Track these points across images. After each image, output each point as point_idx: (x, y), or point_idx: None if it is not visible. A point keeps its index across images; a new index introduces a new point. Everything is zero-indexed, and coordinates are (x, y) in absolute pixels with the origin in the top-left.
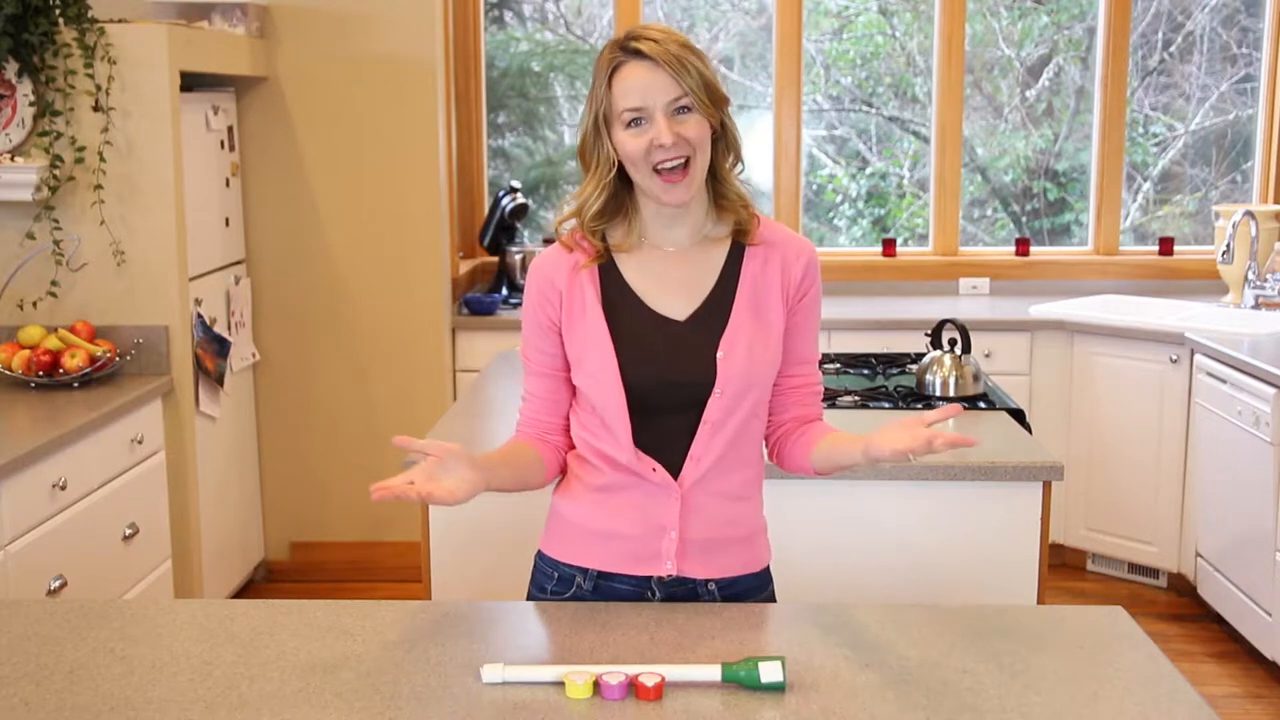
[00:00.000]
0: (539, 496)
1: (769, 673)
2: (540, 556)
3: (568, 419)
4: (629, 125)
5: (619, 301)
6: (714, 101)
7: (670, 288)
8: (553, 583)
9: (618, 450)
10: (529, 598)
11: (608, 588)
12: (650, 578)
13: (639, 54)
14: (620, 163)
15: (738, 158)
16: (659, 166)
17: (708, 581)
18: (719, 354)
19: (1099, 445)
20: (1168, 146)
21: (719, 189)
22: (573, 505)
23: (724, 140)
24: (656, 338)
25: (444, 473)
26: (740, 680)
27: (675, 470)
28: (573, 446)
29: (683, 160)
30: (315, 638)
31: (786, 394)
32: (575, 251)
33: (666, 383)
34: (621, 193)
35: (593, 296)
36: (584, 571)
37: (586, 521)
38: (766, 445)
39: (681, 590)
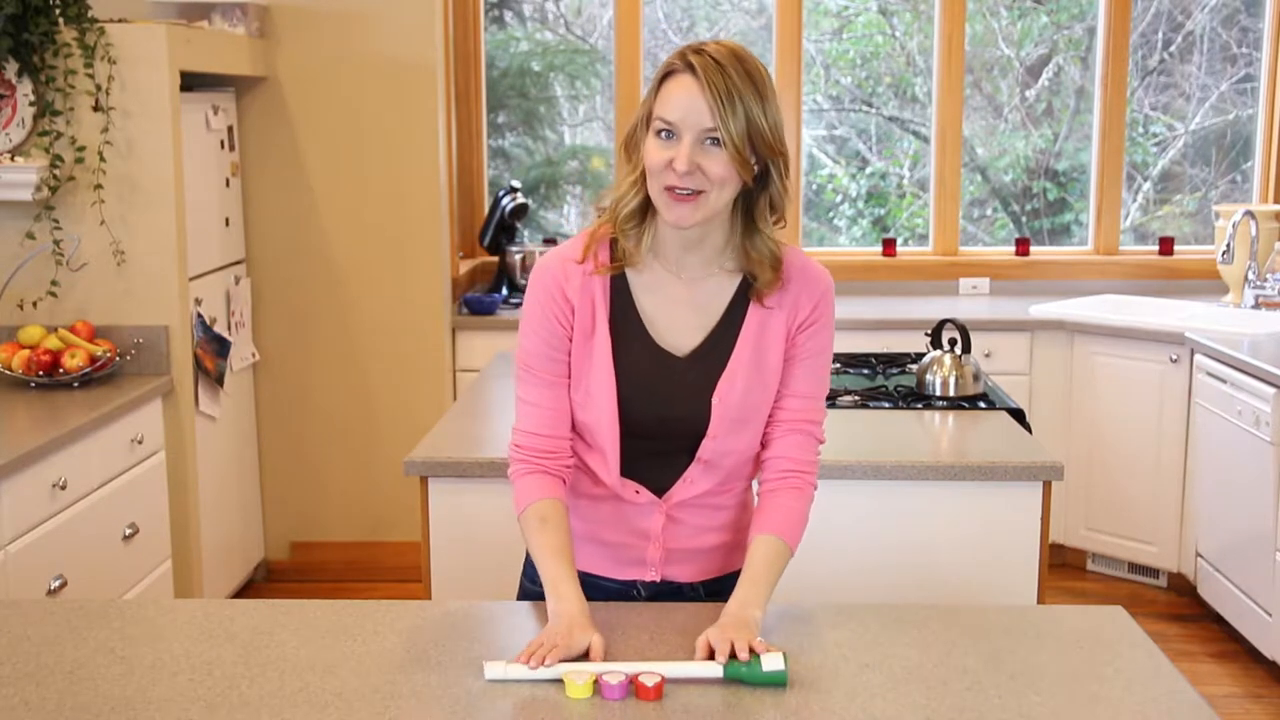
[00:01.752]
0: None
1: (771, 662)
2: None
3: (572, 433)
4: (658, 134)
5: (625, 327)
6: (757, 150)
7: (677, 318)
8: None
9: (604, 472)
10: (520, 590)
11: (594, 586)
12: (635, 581)
13: (692, 69)
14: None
15: (780, 216)
16: (669, 188)
17: (693, 583)
18: (714, 399)
19: (1099, 445)
20: (1168, 146)
21: (751, 237)
22: None
23: (767, 193)
24: (657, 373)
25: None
26: (742, 676)
27: (663, 490)
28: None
29: (694, 192)
30: (315, 638)
31: (770, 425)
32: (586, 261)
33: (661, 420)
34: (649, 205)
35: (602, 315)
36: None
37: (573, 525)
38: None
39: (667, 590)
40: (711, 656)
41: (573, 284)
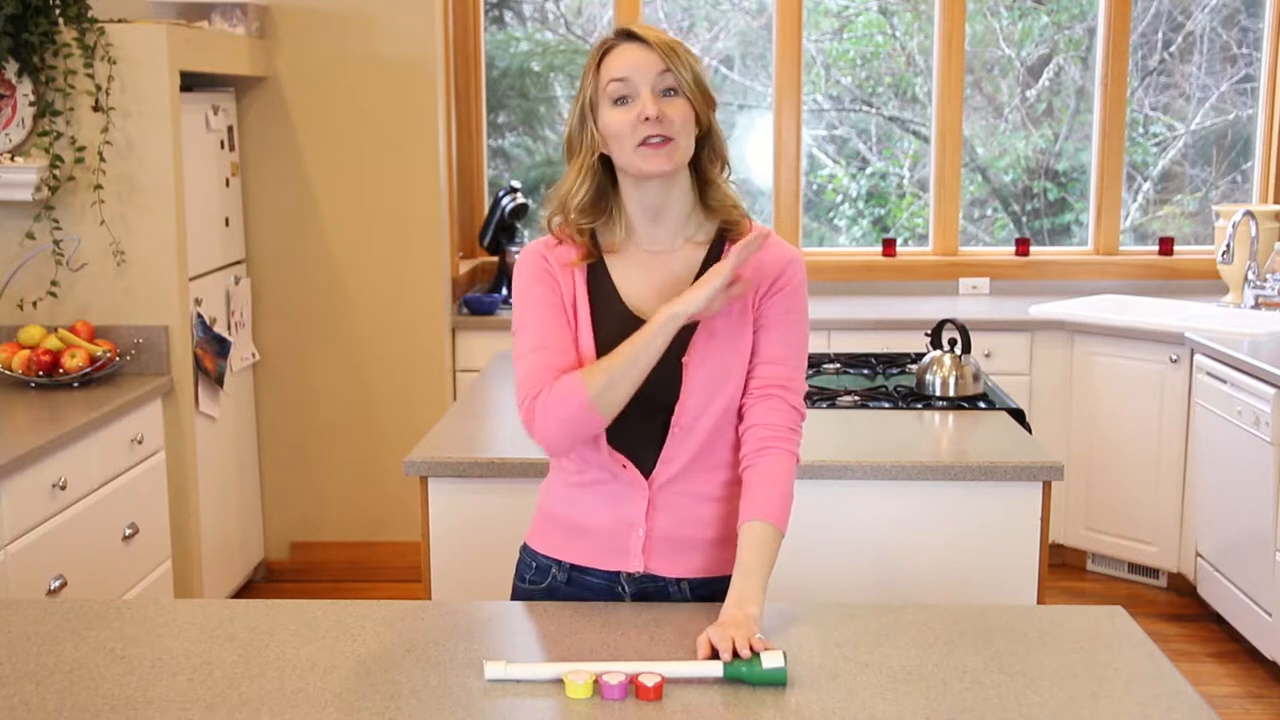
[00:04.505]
0: (536, 496)
1: (771, 660)
2: (524, 547)
3: None
4: (615, 102)
5: (603, 298)
6: (703, 96)
7: (650, 288)
8: (531, 572)
9: (590, 444)
10: (513, 587)
11: (580, 580)
12: (619, 573)
13: (630, 36)
14: (603, 154)
15: (724, 163)
16: (644, 141)
17: (678, 580)
18: (684, 359)
19: (1099, 445)
20: (1168, 146)
21: (707, 192)
22: (550, 499)
23: (710, 144)
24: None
25: None
26: (742, 674)
27: (647, 469)
28: None
29: (665, 139)
30: (315, 638)
31: (745, 395)
32: (565, 244)
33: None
34: (607, 191)
35: (581, 289)
36: (559, 563)
37: (562, 515)
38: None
39: (651, 587)
40: (712, 655)
41: (553, 261)
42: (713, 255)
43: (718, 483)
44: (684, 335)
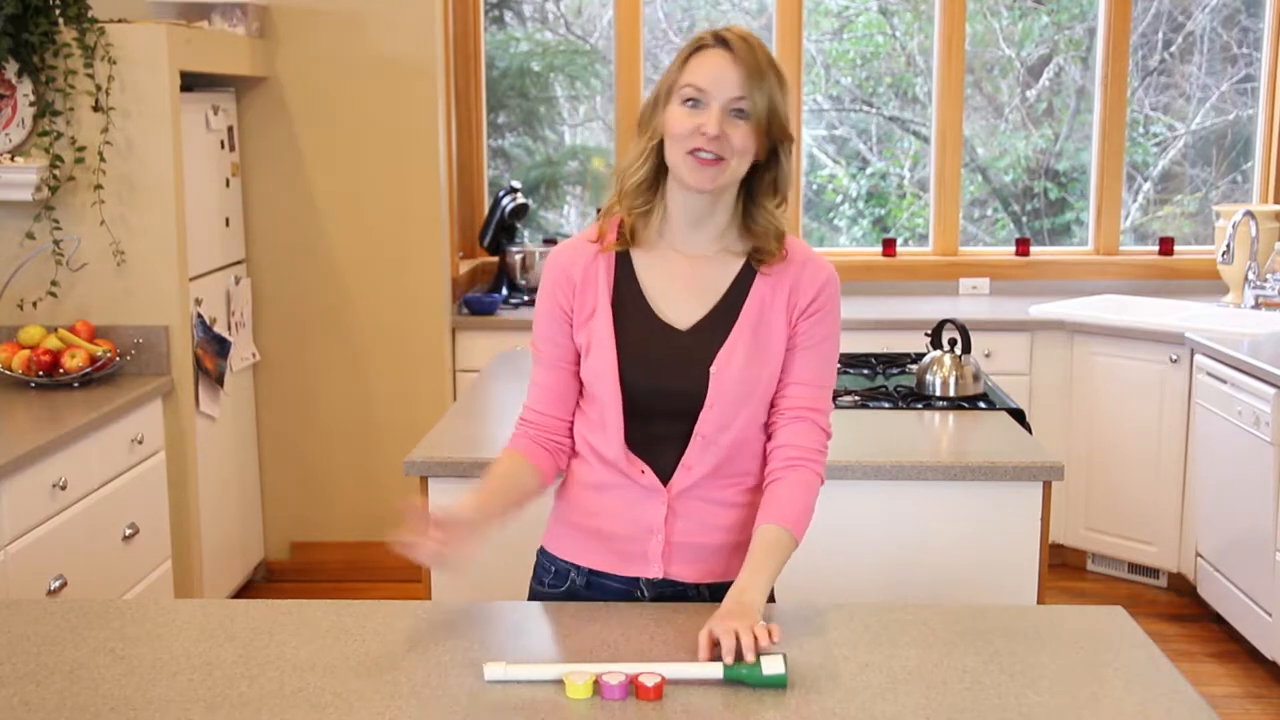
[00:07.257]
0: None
1: (771, 665)
2: (540, 551)
3: (573, 416)
4: (685, 101)
5: (628, 300)
6: (772, 129)
7: (679, 293)
8: (550, 576)
9: (608, 448)
10: (530, 590)
11: (599, 585)
12: (639, 579)
13: (725, 44)
14: (662, 141)
15: (783, 199)
16: (694, 151)
17: (697, 585)
18: (712, 368)
19: (1099, 445)
20: (1168, 146)
21: (752, 213)
22: (568, 503)
23: (770, 174)
24: (657, 344)
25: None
26: (742, 678)
27: (666, 475)
28: (574, 444)
29: (717, 158)
30: (315, 638)
31: (774, 414)
32: (598, 240)
33: (661, 390)
34: (659, 179)
35: (605, 292)
36: (577, 568)
37: (579, 519)
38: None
39: (670, 591)
40: (715, 649)
41: (578, 266)
42: (747, 272)
43: (738, 489)
44: (714, 343)
